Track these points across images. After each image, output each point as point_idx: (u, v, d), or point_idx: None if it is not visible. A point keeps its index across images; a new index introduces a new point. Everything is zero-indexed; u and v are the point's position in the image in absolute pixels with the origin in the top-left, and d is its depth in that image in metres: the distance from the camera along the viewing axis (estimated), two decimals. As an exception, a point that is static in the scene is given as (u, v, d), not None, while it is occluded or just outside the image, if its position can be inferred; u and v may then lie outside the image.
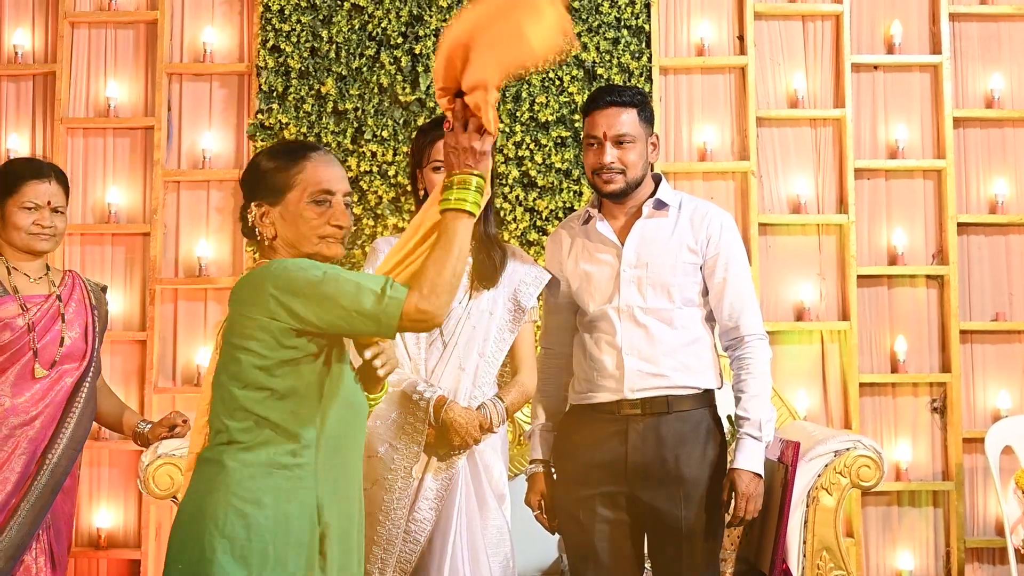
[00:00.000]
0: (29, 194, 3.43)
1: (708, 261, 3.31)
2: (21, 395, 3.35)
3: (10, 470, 3.32)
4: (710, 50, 5.30)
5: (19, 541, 3.32)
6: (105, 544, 5.01)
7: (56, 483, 3.39)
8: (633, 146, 3.29)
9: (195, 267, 5.17)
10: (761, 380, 3.30)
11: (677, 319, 3.29)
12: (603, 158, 3.28)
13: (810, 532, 3.94)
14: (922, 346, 5.24)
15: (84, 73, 5.30)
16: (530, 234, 5.02)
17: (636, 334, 3.29)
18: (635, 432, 3.25)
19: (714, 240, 3.31)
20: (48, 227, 3.45)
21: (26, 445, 3.34)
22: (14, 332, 3.36)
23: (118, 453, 5.07)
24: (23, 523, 3.32)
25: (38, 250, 3.48)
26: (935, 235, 5.29)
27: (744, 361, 3.31)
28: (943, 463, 5.19)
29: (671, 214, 3.35)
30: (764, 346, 3.35)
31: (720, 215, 3.37)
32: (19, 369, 3.36)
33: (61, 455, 3.40)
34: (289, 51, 5.10)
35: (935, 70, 5.33)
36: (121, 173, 5.27)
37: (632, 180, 3.30)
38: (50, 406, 3.39)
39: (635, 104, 3.31)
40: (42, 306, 3.44)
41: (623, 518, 3.29)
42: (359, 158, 5.06)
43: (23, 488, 3.34)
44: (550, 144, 5.06)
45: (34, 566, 3.38)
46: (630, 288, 3.30)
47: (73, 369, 3.45)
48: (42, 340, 3.40)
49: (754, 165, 5.19)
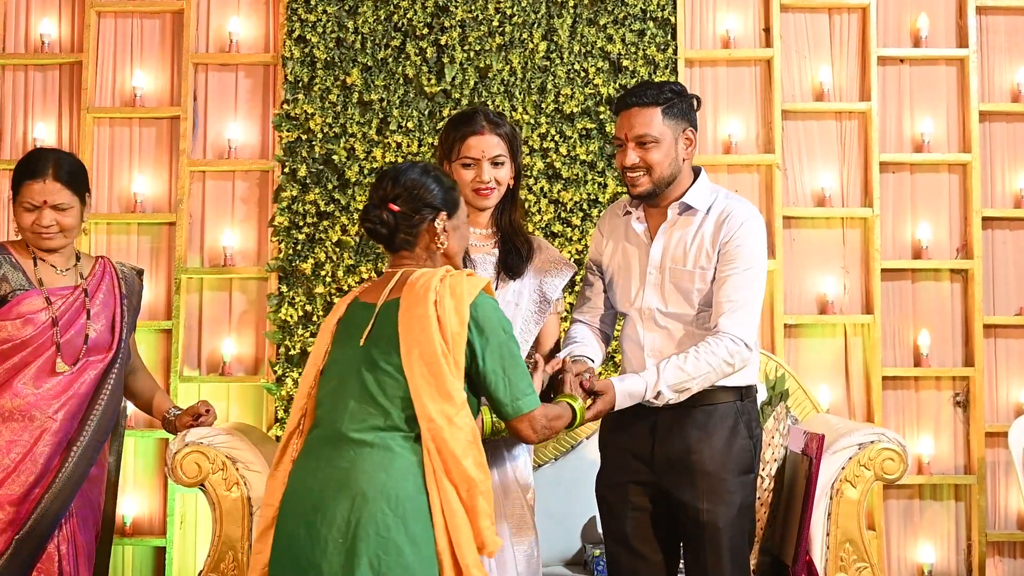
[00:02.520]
0: (26, 194, 3.40)
1: (719, 257, 3.24)
2: (42, 389, 3.37)
3: (32, 462, 3.34)
4: (736, 42, 5.30)
5: (42, 532, 3.34)
6: (130, 532, 5.05)
7: (80, 475, 3.40)
8: (657, 146, 3.25)
9: (220, 257, 5.20)
10: (699, 364, 3.14)
11: (699, 321, 3.27)
12: (626, 159, 3.27)
13: (834, 524, 3.93)
14: (945, 340, 5.23)
15: (110, 63, 5.32)
16: (554, 226, 5.03)
17: (657, 336, 3.30)
18: (662, 424, 3.27)
19: (727, 239, 3.24)
20: (47, 226, 3.40)
21: (49, 438, 3.35)
22: (36, 327, 3.36)
23: (143, 441, 5.10)
24: (47, 514, 3.33)
25: (45, 248, 3.46)
26: (960, 229, 5.28)
27: (705, 345, 3.17)
28: (965, 457, 5.18)
29: (698, 218, 3.30)
30: (734, 350, 3.16)
31: (742, 215, 3.27)
32: (41, 363, 3.37)
33: (86, 447, 3.41)
34: (315, 41, 5.11)
35: (961, 63, 5.31)
36: (147, 163, 5.30)
37: (660, 180, 3.27)
38: (73, 398, 3.40)
39: (659, 103, 3.27)
40: (67, 299, 3.43)
41: (652, 508, 3.32)
42: (384, 149, 5.07)
43: (46, 480, 3.35)
44: (575, 136, 5.07)
45: (56, 553, 3.39)
46: (653, 291, 3.30)
47: (97, 362, 3.45)
48: (66, 335, 3.40)
49: (779, 158, 5.19)
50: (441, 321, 2.74)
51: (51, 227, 3.42)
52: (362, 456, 2.71)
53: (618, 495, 3.34)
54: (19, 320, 3.33)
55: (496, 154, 3.38)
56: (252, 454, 3.89)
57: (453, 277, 2.80)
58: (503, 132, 3.40)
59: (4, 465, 3.31)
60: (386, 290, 2.85)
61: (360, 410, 2.76)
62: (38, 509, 3.32)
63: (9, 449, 3.32)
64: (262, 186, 5.26)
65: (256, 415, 5.11)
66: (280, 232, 5.06)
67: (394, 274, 2.89)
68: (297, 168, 5.07)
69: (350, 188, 5.06)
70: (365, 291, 2.96)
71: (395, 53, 5.13)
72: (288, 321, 5.01)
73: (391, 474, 2.69)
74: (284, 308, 5.01)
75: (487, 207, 3.40)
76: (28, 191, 3.40)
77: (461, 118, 3.44)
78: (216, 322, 5.21)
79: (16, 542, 3.28)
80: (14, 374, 3.35)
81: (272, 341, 5.06)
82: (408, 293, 2.79)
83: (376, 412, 2.75)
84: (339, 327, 2.91)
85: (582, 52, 5.12)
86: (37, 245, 3.44)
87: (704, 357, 3.15)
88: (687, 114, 3.33)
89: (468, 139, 3.35)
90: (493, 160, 3.37)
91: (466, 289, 2.78)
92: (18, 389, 3.33)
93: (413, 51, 5.11)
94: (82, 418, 3.42)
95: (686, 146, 3.32)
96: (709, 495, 3.22)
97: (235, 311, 5.20)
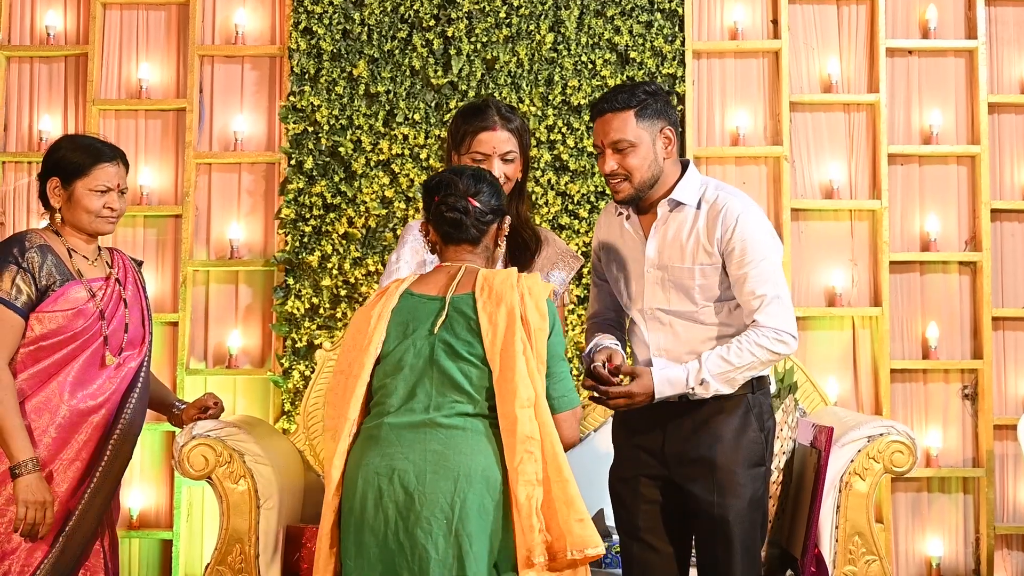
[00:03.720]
0: (101, 177, 3.38)
1: (726, 256, 3.21)
2: (90, 383, 3.33)
3: (78, 458, 3.31)
4: (743, 34, 5.28)
5: (87, 528, 3.31)
6: (137, 525, 5.05)
7: (120, 468, 3.40)
8: (633, 150, 3.20)
9: (226, 249, 5.19)
10: (743, 354, 3.13)
11: (703, 316, 3.25)
12: (605, 167, 3.24)
13: (842, 517, 3.93)
14: (954, 332, 5.22)
15: (116, 55, 5.31)
16: (562, 218, 5.02)
17: (661, 334, 3.28)
18: (672, 419, 3.25)
19: (727, 236, 3.19)
20: (117, 210, 3.42)
21: (91, 432, 3.33)
22: (87, 318, 3.32)
23: (150, 434, 5.09)
24: (91, 509, 3.31)
25: (103, 232, 3.45)
26: (968, 221, 5.26)
27: (745, 334, 3.16)
28: (974, 450, 5.17)
29: (688, 213, 3.26)
30: (777, 337, 3.15)
31: (737, 208, 3.22)
32: (88, 356, 3.33)
33: (123, 441, 3.39)
34: (321, 33, 5.10)
35: (970, 55, 5.29)
36: (153, 155, 5.29)
37: (641, 184, 3.23)
38: (114, 394, 3.37)
39: (631, 105, 3.21)
40: (105, 290, 3.40)
41: (664, 501, 3.31)
42: (391, 141, 5.06)
43: (90, 475, 3.33)
44: (582, 128, 5.05)
45: (102, 550, 3.39)
46: (654, 289, 3.28)
47: (135, 355, 3.43)
48: (110, 326, 3.39)
49: (787, 150, 5.17)
50: (525, 318, 2.84)
51: (119, 210, 3.43)
52: (456, 438, 2.79)
53: (630, 488, 3.33)
54: (70, 312, 3.28)
55: (507, 150, 3.36)
56: (259, 447, 3.89)
57: (528, 278, 2.93)
58: (514, 127, 3.38)
59: (53, 461, 3.28)
60: (454, 284, 2.92)
61: (444, 398, 2.83)
62: (82, 504, 3.30)
63: (56, 445, 3.28)
64: (268, 178, 5.25)
65: (263, 408, 5.10)
66: (286, 224, 5.05)
67: (457, 268, 2.96)
68: (303, 160, 5.06)
69: (356, 180, 5.04)
70: (418, 284, 2.99)
71: (402, 45, 5.12)
72: (294, 314, 5.00)
73: (488, 457, 2.78)
74: (291, 301, 5.00)
75: None
76: (104, 173, 3.38)
77: (472, 111, 3.41)
78: (222, 315, 5.21)
79: (64, 538, 3.26)
80: (61, 367, 3.30)
81: (278, 334, 5.05)
82: (486, 287, 2.88)
83: (463, 399, 2.82)
84: (395, 317, 2.93)
85: (589, 44, 5.11)
86: (98, 228, 3.41)
87: (747, 347, 3.14)
88: (663, 112, 3.25)
89: (480, 134, 3.33)
90: (504, 156, 3.35)
91: (542, 290, 2.91)
92: (64, 383, 3.29)
93: (420, 43, 5.10)
94: (117, 411, 3.40)
95: (665, 145, 3.25)
96: (720, 488, 3.21)
97: (241, 304, 5.20)
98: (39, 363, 3.29)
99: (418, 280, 3.01)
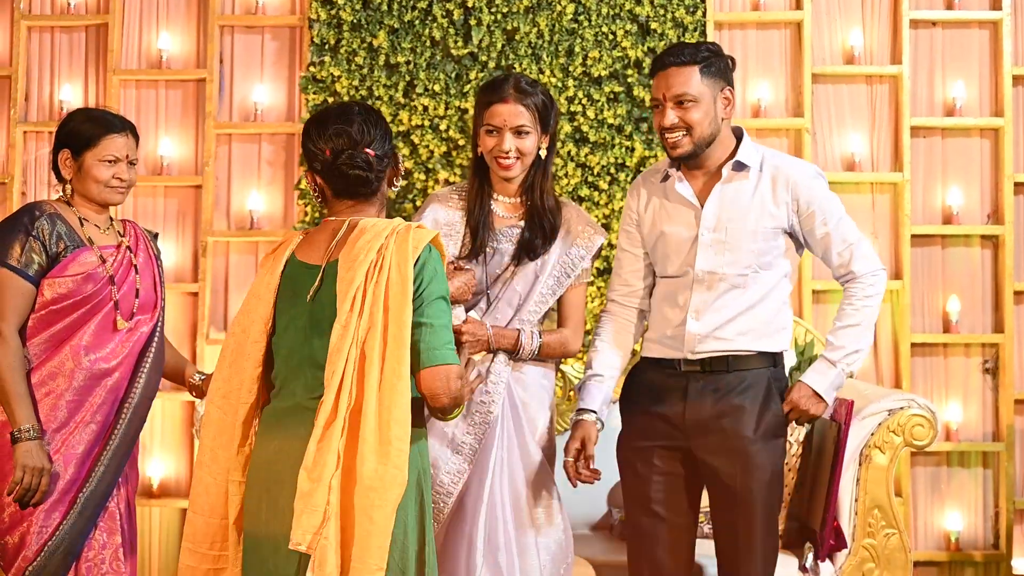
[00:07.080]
0: (110, 148, 3.40)
1: (804, 220, 3.27)
2: (103, 347, 3.35)
3: (93, 420, 3.34)
4: (765, 5, 5.24)
5: (103, 489, 3.35)
6: (158, 493, 5.09)
7: (135, 432, 3.42)
8: (696, 105, 3.21)
9: (246, 220, 5.19)
10: (859, 312, 3.26)
11: (751, 282, 3.27)
12: (665, 120, 3.24)
13: (862, 490, 3.93)
14: (975, 306, 5.19)
15: (136, 25, 5.31)
16: (581, 190, 5.00)
17: (707, 297, 3.27)
18: (694, 388, 3.26)
19: (804, 199, 3.26)
20: (126, 180, 3.44)
21: (106, 395, 3.36)
22: (96, 283, 3.35)
23: (170, 403, 5.12)
24: (107, 471, 3.34)
25: (113, 202, 3.47)
26: (991, 194, 5.23)
27: (849, 293, 3.30)
28: (994, 424, 5.15)
29: (752, 175, 3.29)
30: (875, 280, 3.28)
31: (803, 171, 3.32)
32: (100, 320, 3.35)
33: (138, 404, 3.42)
34: (341, 3, 5.08)
35: (994, 26, 5.24)
36: (173, 125, 5.29)
37: (700, 140, 3.24)
38: (128, 356, 3.40)
39: (696, 61, 3.22)
40: (116, 256, 3.44)
41: (679, 471, 3.31)
42: (411, 112, 5.05)
43: (105, 437, 3.37)
44: (602, 99, 5.03)
45: (117, 512, 3.42)
46: (707, 252, 3.27)
47: (147, 319, 3.46)
48: (120, 290, 3.41)
49: (808, 122, 5.14)
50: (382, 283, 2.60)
51: (128, 181, 3.45)
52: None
53: (644, 458, 3.32)
54: (80, 276, 3.32)
55: (520, 123, 3.29)
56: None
57: (400, 232, 2.65)
58: (531, 102, 3.30)
59: (68, 423, 3.32)
60: (331, 246, 2.72)
61: (312, 378, 2.66)
62: (99, 466, 3.34)
63: (71, 408, 3.32)
64: (288, 149, 5.24)
65: (282, 378, 5.11)
66: (306, 195, 5.05)
67: (340, 224, 2.74)
68: (323, 131, 5.04)
69: (376, 151, 5.03)
70: (303, 246, 2.79)
71: (422, 15, 5.10)
72: (314, 284, 5.00)
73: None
74: (310, 271, 5.00)
75: (509, 177, 3.33)
76: (113, 144, 3.40)
77: (491, 84, 3.38)
78: (242, 285, 5.21)
79: (83, 500, 3.30)
80: (73, 331, 3.34)
81: (298, 304, 5.05)
82: (349, 250, 2.65)
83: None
84: (283, 285, 2.76)
85: (610, 15, 5.07)
86: (108, 198, 3.44)
87: (858, 300, 3.27)
88: (724, 73, 3.28)
89: (493, 106, 3.29)
90: (517, 129, 3.29)
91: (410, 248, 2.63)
92: (78, 347, 3.33)
93: (440, 13, 5.07)
94: (131, 376, 3.43)
95: (724, 105, 3.27)
96: (741, 460, 3.21)
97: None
98: (50, 328, 3.32)
99: (304, 240, 2.81)
